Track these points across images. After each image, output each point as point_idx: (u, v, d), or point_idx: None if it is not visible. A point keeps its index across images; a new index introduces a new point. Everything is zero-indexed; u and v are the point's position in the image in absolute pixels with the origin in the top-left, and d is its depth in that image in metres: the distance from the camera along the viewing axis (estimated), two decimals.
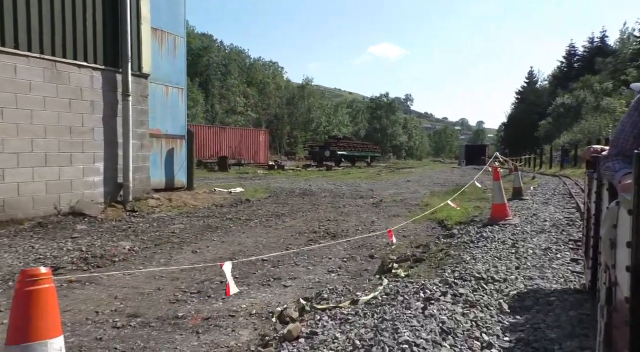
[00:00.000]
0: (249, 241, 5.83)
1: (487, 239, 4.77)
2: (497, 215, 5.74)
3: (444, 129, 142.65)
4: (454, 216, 7.51)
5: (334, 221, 7.60)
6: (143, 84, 8.51)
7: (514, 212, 6.82)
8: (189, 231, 6.49)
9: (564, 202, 8.30)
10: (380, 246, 5.55)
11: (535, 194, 10.23)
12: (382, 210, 8.99)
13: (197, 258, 4.82)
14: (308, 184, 15.22)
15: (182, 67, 10.85)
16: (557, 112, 47.43)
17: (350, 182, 17.09)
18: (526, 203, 8.13)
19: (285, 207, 9.33)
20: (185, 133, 10.82)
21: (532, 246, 4.29)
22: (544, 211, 6.89)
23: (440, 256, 4.41)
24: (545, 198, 9.07)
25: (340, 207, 9.39)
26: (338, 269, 4.49)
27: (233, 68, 60.67)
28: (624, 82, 40.63)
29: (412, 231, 6.73)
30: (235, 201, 9.97)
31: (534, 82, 71.71)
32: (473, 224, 6.52)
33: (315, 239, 5.98)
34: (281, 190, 12.67)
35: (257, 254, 5.04)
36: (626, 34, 54.04)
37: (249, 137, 29.66)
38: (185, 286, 3.73)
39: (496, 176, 5.89)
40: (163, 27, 10.12)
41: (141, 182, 8.51)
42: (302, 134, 58.34)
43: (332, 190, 13.16)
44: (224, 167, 21.30)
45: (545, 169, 29.29)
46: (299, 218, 7.87)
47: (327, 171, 25.03)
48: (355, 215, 8.27)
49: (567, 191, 10.65)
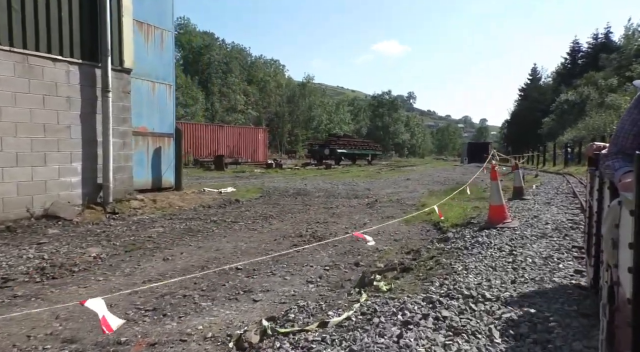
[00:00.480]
0: (229, 246, 5.44)
1: (482, 245, 4.36)
2: (495, 218, 5.33)
3: (446, 127, 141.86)
4: (450, 217, 7.10)
5: (324, 223, 7.20)
6: (125, 80, 8.13)
7: (513, 214, 6.39)
8: (168, 235, 6.11)
9: (567, 202, 7.87)
10: (368, 252, 5.14)
11: (537, 193, 9.79)
12: (376, 211, 8.58)
13: (166, 267, 4.43)
14: (304, 183, 14.82)
15: (170, 63, 10.46)
16: (561, 109, 46.84)
17: (347, 181, 16.68)
18: (527, 203, 7.71)
19: (275, 208, 8.94)
20: (174, 131, 10.43)
21: (532, 253, 3.88)
22: (545, 213, 6.47)
23: (430, 265, 4.01)
24: (548, 198, 8.63)
25: (332, 207, 8.99)
26: (318, 279, 4.09)
27: (234, 66, 60.33)
28: (628, 78, 40.01)
29: (404, 234, 6.32)
30: (224, 202, 9.58)
31: (538, 79, 71.03)
32: (470, 226, 6.11)
33: (300, 243, 5.59)
34: (274, 190, 12.27)
35: (234, 262, 4.65)
36: (631, 30, 53.38)
37: (248, 135, 29.27)
38: (142, 302, 3.34)
39: (494, 175, 5.48)
40: (149, 20, 9.73)
41: (123, 182, 8.13)
42: (303, 133, 57.92)
43: (327, 189, 12.76)
44: (221, 166, 20.92)
45: (549, 167, 28.78)
46: (287, 220, 7.47)
47: (325, 170, 24.62)
48: (347, 217, 7.87)
49: (570, 190, 10.21)
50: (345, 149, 33.99)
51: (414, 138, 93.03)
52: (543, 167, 29.04)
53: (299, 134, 56.77)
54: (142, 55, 9.56)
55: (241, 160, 24.20)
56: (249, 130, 30.16)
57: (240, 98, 51.96)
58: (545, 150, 33.60)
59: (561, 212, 6.56)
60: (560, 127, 42.58)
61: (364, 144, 39.31)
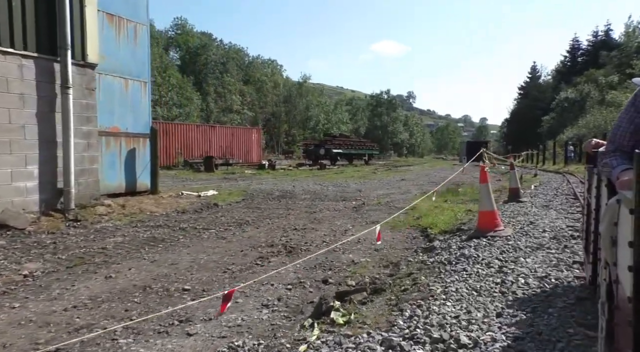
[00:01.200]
0: (187, 259, 4.85)
1: (468, 260, 3.76)
2: (485, 225, 4.73)
3: (446, 126, 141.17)
4: (439, 223, 6.51)
5: (302, 230, 6.61)
6: (89, 75, 7.53)
7: (507, 219, 5.80)
8: (125, 246, 5.52)
9: (568, 204, 7.28)
10: (341, 266, 4.55)
11: (535, 194, 9.19)
12: (362, 215, 7.98)
13: (103, 287, 3.84)
14: (292, 185, 14.23)
15: (145, 59, 9.86)
16: (561, 107, 46.27)
17: (339, 182, 16.09)
18: (524, 207, 7.11)
19: (254, 212, 8.35)
20: (149, 131, 9.84)
21: (525, 271, 3.28)
22: (543, 217, 5.87)
23: (406, 285, 3.42)
24: (547, 200, 8.04)
25: (315, 212, 8.39)
26: (276, 301, 3.50)
27: (231, 66, 59.71)
28: (629, 75, 39.42)
29: (388, 242, 5.73)
30: (202, 206, 8.99)
31: (537, 77, 70.36)
32: (459, 233, 5.52)
33: (268, 255, 4.99)
34: (259, 192, 11.68)
35: (186, 279, 4.06)
36: (631, 27, 52.81)
37: (241, 135, 28.66)
38: (48, 339, 2.75)
39: (483, 177, 4.88)
40: (121, 13, 9.14)
41: (88, 186, 7.54)
42: (300, 133, 57.27)
43: (315, 191, 12.16)
44: (210, 167, 20.32)
45: (549, 166, 28.18)
46: (263, 227, 6.88)
47: (319, 170, 24.02)
48: (329, 222, 7.27)
49: (571, 191, 9.61)
50: (341, 149, 33.37)
51: (413, 137, 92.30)
52: (543, 166, 28.45)
53: (296, 134, 56.09)
54: (113, 50, 8.98)
55: (232, 161, 23.59)
56: (242, 130, 29.54)
57: (236, 98, 51.28)
58: (545, 148, 32.99)
59: (560, 216, 5.97)
60: (560, 125, 42.03)
61: (360, 143, 38.68)
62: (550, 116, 47.92)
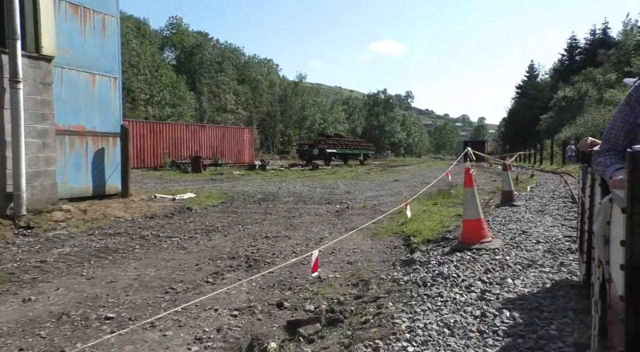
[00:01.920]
0: (130, 275, 4.24)
1: (446, 280, 3.17)
2: (471, 236, 4.13)
3: (444, 126, 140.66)
4: (424, 230, 5.91)
5: (274, 238, 6.01)
6: (44, 69, 6.92)
7: (497, 227, 5.21)
8: (70, 258, 4.92)
9: (565, 209, 6.69)
10: (304, 283, 3.95)
11: (530, 197, 8.61)
12: (343, 220, 7.39)
13: (14, 314, 3.23)
14: (279, 186, 13.63)
15: (115, 53, 9.24)
16: (559, 106, 45.77)
17: (329, 183, 15.50)
18: (517, 212, 6.52)
19: (228, 217, 7.75)
20: (120, 130, 9.22)
21: (512, 297, 2.69)
22: (537, 225, 5.28)
23: (370, 313, 2.82)
24: (542, 203, 7.45)
25: (294, 217, 7.79)
26: (214, 334, 2.90)
27: (227, 66, 59.03)
28: (627, 73, 38.95)
29: (365, 252, 5.13)
30: (174, 210, 8.39)
31: (535, 76, 69.82)
32: (443, 243, 4.94)
33: (224, 270, 4.39)
34: (241, 194, 11.07)
35: (114, 305, 3.45)
36: (629, 26, 52.42)
37: (232, 135, 28.03)
38: None
39: (468, 180, 4.28)
40: (86, 3, 8.52)
41: (43, 190, 6.93)
42: (296, 132, 56.62)
43: (301, 193, 11.56)
44: (198, 168, 19.69)
45: (546, 165, 27.64)
46: (232, 234, 6.28)
47: (312, 171, 23.42)
48: (305, 228, 6.67)
49: (568, 193, 9.02)
50: (336, 149, 32.74)
51: (410, 137, 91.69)
52: (540, 166, 27.91)
53: (291, 134, 55.43)
54: (77, 43, 8.37)
55: (222, 161, 22.95)
56: (233, 130, 28.89)
57: (231, 97, 50.59)
58: (542, 147, 32.45)
59: (557, 224, 5.37)
60: (558, 124, 41.52)
61: (355, 143, 38.04)
62: (548, 115, 47.46)
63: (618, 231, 1.06)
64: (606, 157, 1.78)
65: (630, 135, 1.79)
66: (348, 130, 66.03)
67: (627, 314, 0.94)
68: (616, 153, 1.77)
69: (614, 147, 1.81)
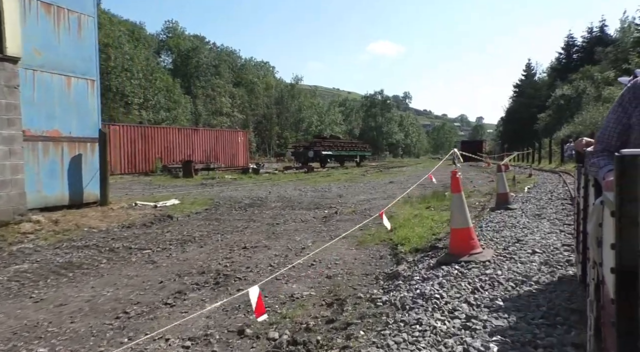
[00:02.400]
0: (84, 295, 3.84)
1: (427, 302, 2.77)
2: (459, 247, 3.73)
3: (442, 126, 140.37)
4: (413, 237, 5.52)
5: (252, 248, 5.61)
6: (9, 71, 6.53)
7: (490, 236, 4.81)
8: (27, 276, 4.52)
9: (564, 212, 6.30)
10: (274, 304, 3.54)
11: (527, 199, 8.21)
12: (330, 227, 6.99)
13: None
14: (269, 190, 13.23)
15: (92, 54, 8.85)
16: (557, 104, 45.44)
17: (322, 186, 15.11)
18: (512, 216, 6.13)
19: (209, 226, 7.35)
20: (98, 135, 8.83)
21: (501, 325, 2.30)
22: (534, 231, 4.89)
23: (336, 346, 2.42)
24: (540, 206, 7.05)
25: (279, 224, 7.40)
26: None
27: (223, 69, 58.71)
28: (625, 71, 38.64)
29: (348, 264, 4.74)
30: (154, 219, 7.99)
31: (532, 74, 69.53)
32: (432, 253, 4.55)
33: (189, 288, 3.99)
34: (228, 200, 10.67)
35: (53, 335, 3.05)
36: (627, 23, 52.18)
37: (226, 138, 27.64)
38: None
39: (455, 185, 3.88)
40: (61, 2, 8.14)
41: (10, 200, 6.53)
42: (292, 135, 56.25)
43: (290, 198, 11.16)
44: (189, 172, 19.29)
45: (545, 164, 27.26)
46: (209, 245, 5.88)
47: (306, 174, 23.03)
48: (288, 237, 6.27)
49: (567, 194, 8.63)
50: (331, 151, 32.33)
51: (408, 138, 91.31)
52: (539, 165, 27.56)
53: (288, 137, 55.06)
54: (51, 44, 7.98)
55: (214, 165, 22.54)
56: (227, 133, 28.49)
57: (226, 100, 50.20)
58: (540, 146, 32.09)
59: (555, 229, 4.98)
60: (556, 122, 41.18)
61: (351, 145, 37.64)
62: (547, 114, 47.14)
63: (609, 234, 1.06)
64: (600, 158, 1.77)
65: (623, 136, 1.79)
66: (345, 131, 65.70)
67: (618, 316, 0.93)
68: (609, 154, 1.75)
69: (607, 148, 1.80)
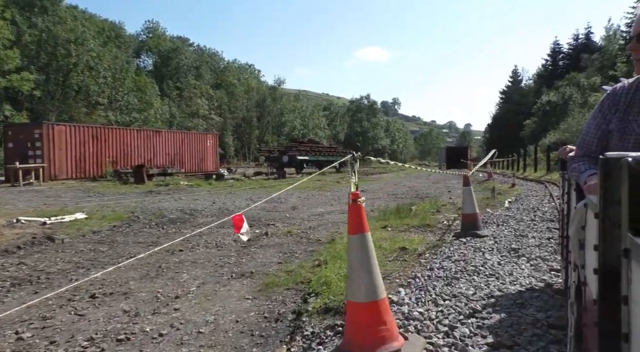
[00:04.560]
0: None
1: None
2: (362, 336, 2.03)
3: (429, 132, 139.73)
4: (333, 282, 3.83)
5: (105, 296, 3.89)
6: None
7: (432, 295, 3.13)
8: None
9: (550, 245, 4.65)
10: None
11: (505, 220, 6.59)
12: (244, 257, 5.27)
13: None
14: (214, 201, 11.48)
15: None
16: (543, 111, 44.56)
17: (281, 196, 13.40)
18: (479, 249, 4.47)
19: (89, 253, 5.61)
20: None
21: None
22: (505, 282, 3.23)
23: None
24: (518, 233, 5.41)
25: (182, 250, 5.66)
26: None
27: (205, 70, 56.82)
28: (612, 77, 37.91)
29: (223, 329, 3.09)
30: (30, 241, 6.22)
31: (519, 81, 68.87)
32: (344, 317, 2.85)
33: None
34: (152, 213, 8.89)
35: None
36: (611, 31, 52.08)
37: (194, 142, 25.78)
38: None
39: (355, 219, 2.20)
40: None
41: None
42: (274, 139, 54.41)
43: (233, 211, 9.42)
44: (141, 178, 17.43)
45: (530, 173, 25.92)
46: (45, 290, 4.13)
47: (275, 180, 21.29)
48: (172, 275, 4.54)
49: (554, 213, 7.02)
50: (308, 156, 30.55)
51: (395, 143, 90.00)
52: (524, 173, 26.24)
53: (269, 141, 53.19)
54: None
55: (173, 170, 20.67)
56: (195, 136, 26.61)
57: (203, 102, 48.19)
58: (526, 153, 30.81)
59: (536, 280, 3.32)
60: (542, 129, 40.21)
61: (331, 150, 35.91)
62: (532, 120, 46.23)
63: (592, 235, 1.09)
64: (580, 163, 1.81)
65: (603, 141, 1.82)
66: (329, 136, 64.11)
67: (600, 316, 0.90)
68: (590, 159, 1.79)
69: (588, 153, 1.83)
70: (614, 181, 0.80)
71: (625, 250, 0.72)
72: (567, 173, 2.49)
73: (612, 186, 0.81)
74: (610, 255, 0.83)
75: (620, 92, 1.78)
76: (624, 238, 0.74)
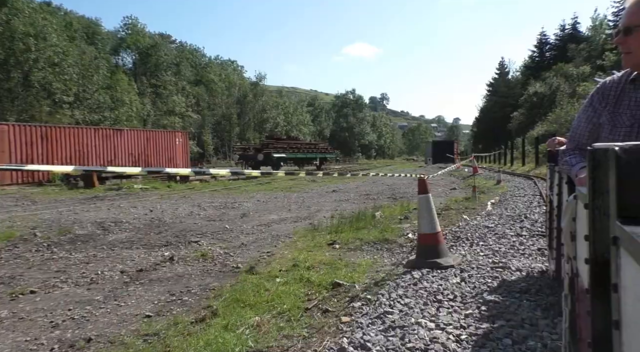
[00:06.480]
0: None
1: None
2: None
3: (417, 127, 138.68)
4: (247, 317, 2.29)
5: None
6: None
7: None
8: None
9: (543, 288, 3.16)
10: None
11: (482, 235, 5.08)
12: (108, 304, 3.70)
13: None
14: (151, 209, 9.87)
15: None
16: (530, 102, 43.53)
17: (242, 199, 11.90)
18: (434, 298, 2.94)
19: None
20: None
21: None
22: None
23: None
24: (499, 258, 3.90)
25: (34, 292, 4.08)
26: None
27: (185, 67, 54.84)
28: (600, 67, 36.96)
29: None
30: None
31: (506, 73, 67.93)
32: None
33: None
34: (60, 227, 7.26)
35: None
36: (598, 21, 51.44)
37: (161, 140, 24.02)
38: None
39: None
40: None
41: None
42: (255, 136, 52.64)
43: (165, 222, 7.85)
44: (91, 182, 15.74)
45: (517, 167, 24.63)
46: None
47: (244, 181, 19.69)
48: (22, 328, 2.96)
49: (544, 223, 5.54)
50: (286, 153, 28.94)
51: (382, 139, 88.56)
52: (511, 168, 24.96)
53: (250, 138, 51.40)
54: None
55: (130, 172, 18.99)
56: (162, 134, 24.83)
57: (179, 99, 46.22)
58: (513, 146, 29.56)
59: None
60: (530, 121, 39.16)
61: (310, 146, 34.28)
62: (520, 112, 45.17)
63: (582, 226, 1.08)
64: (572, 156, 1.84)
65: (594, 134, 1.83)
66: (314, 132, 62.50)
67: (592, 305, 0.94)
68: (581, 152, 1.80)
69: (579, 146, 1.84)
70: (602, 171, 0.82)
71: (614, 238, 0.74)
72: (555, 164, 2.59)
73: (601, 176, 0.83)
74: (601, 244, 0.86)
75: (610, 86, 1.81)
76: (612, 227, 0.76)
